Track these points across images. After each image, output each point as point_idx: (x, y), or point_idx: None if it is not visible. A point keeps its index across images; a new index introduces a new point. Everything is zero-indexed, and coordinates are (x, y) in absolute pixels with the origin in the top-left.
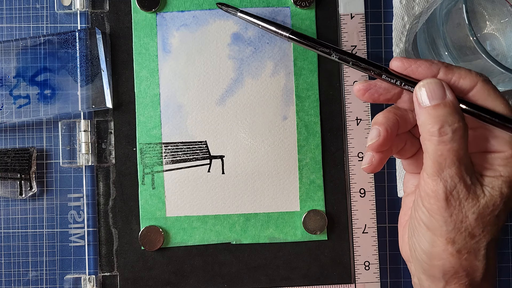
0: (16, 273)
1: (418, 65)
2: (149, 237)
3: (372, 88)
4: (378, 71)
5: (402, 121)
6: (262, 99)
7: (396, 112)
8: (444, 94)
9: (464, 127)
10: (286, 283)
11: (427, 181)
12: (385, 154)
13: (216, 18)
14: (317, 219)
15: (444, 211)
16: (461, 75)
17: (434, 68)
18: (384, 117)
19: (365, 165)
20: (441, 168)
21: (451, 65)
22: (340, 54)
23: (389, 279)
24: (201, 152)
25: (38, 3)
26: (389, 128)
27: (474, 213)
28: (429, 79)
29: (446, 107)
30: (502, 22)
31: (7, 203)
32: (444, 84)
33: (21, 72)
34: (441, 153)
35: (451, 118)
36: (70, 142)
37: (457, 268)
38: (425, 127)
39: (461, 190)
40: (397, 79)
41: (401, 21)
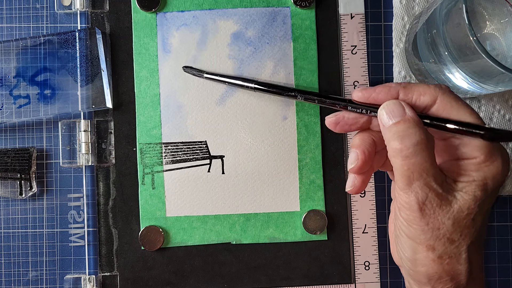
0: (16, 273)
1: (377, 92)
2: (149, 237)
3: (341, 121)
4: (343, 104)
5: (378, 139)
6: (262, 99)
7: (371, 132)
8: (404, 111)
9: (426, 139)
10: (286, 283)
11: (400, 194)
12: (367, 174)
13: (216, 18)
14: (317, 219)
15: (420, 220)
16: (420, 92)
17: (393, 91)
18: (360, 139)
19: (349, 188)
20: (410, 182)
21: (409, 84)
22: (305, 95)
23: (389, 279)
24: (201, 152)
25: (38, 3)
26: (366, 150)
27: (449, 219)
28: (388, 101)
29: (406, 122)
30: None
31: (7, 203)
32: (402, 103)
33: (21, 72)
34: (407, 168)
35: (411, 132)
36: (70, 142)
37: (441, 273)
38: (390, 144)
39: (433, 199)
40: (363, 108)
41: (401, 21)
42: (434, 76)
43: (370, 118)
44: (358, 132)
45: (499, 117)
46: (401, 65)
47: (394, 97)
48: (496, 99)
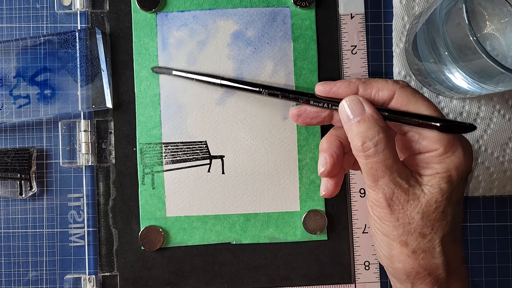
0: (16, 273)
1: (338, 86)
2: (149, 237)
3: (303, 114)
4: (305, 98)
5: (345, 140)
6: (262, 99)
7: (337, 133)
8: (363, 109)
9: (386, 137)
10: (286, 283)
11: (369, 192)
12: (338, 176)
13: (216, 18)
14: (317, 219)
15: (390, 216)
16: (379, 87)
17: (352, 86)
18: (327, 143)
19: (323, 192)
20: (375, 179)
21: (368, 80)
22: (269, 90)
23: (389, 279)
24: (201, 152)
25: (38, 3)
26: (334, 153)
27: (418, 213)
28: (348, 97)
29: (366, 121)
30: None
31: (7, 203)
32: (361, 99)
33: (21, 72)
34: (371, 166)
35: (371, 132)
36: (70, 142)
37: (417, 269)
38: (352, 143)
39: (400, 194)
40: (324, 102)
41: (401, 21)
42: (434, 76)
43: (331, 113)
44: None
45: (499, 117)
46: (401, 65)
47: (354, 92)
48: (496, 99)
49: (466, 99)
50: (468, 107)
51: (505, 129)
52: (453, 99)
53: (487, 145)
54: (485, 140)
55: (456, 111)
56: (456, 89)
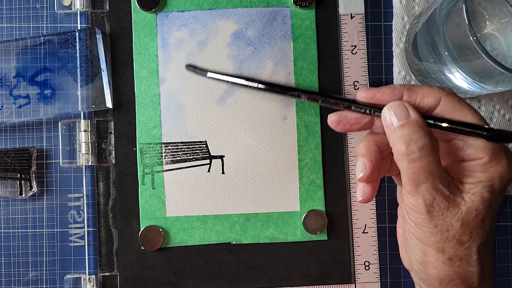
0: (16, 273)
1: (381, 92)
2: (149, 237)
3: (343, 120)
4: (347, 103)
5: (383, 145)
6: (262, 99)
7: (375, 138)
8: (408, 114)
9: (431, 142)
10: (286, 283)
11: (408, 197)
12: (376, 181)
13: (216, 18)
14: (317, 219)
15: (429, 222)
16: (424, 94)
17: (397, 92)
18: (365, 147)
19: (360, 198)
20: (416, 185)
21: (413, 86)
22: (308, 95)
23: (389, 279)
24: (201, 152)
25: (38, 3)
26: (373, 157)
27: (458, 221)
28: (392, 102)
29: (410, 126)
30: (502, 22)
31: (7, 203)
32: (407, 105)
33: (21, 72)
34: (413, 171)
35: (416, 136)
36: (70, 142)
37: (452, 276)
38: (395, 147)
39: (440, 201)
40: (366, 108)
41: (401, 21)
42: (434, 76)
43: (372, 119)
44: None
45: (499, 117)
46: (401, 65)
47: (398, 98)
48: (496, 99)
49: (466, 99)
50: None
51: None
52: None
53: None
54: None
55: None
56: (456, 89)
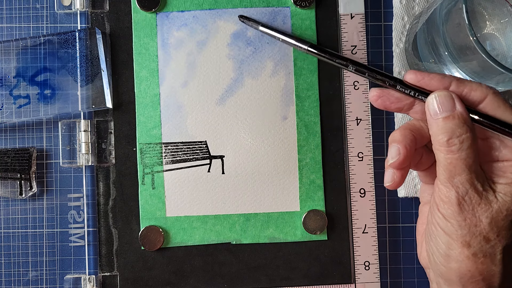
0: (16, 273)
1: (431, 78)
2: (149, 237)
3: (385, 96)
4: (392, 82)
5: (419, 136)
6: (262, 99)
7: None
8: (454, 106)
9: (472, 137)
10: (286, 283)
11: (440, 188)
12: (405, 169)
13: (216, 18)
14: (317, 219)
15: (458, 215)
16: (472, 88)
17: (446, 81)
18: (401, 135)
19: (388, 183)
20: (451, 176)
21: (462, 79)
22: (356, 66)
23: (389, 279)
24: (201, 152)
25: (38, 3)
26: (408, 145)
27: (487, 218)
28: (440, 91)
29: (455, 119)
30: (502, 22)
31: (7, 203)
32: (454, 96)
33: (21, 72)
34: (451, 161)
35: (459, 130)
36: (70, 142)
37: (473, 272)
38: (436, 137)
39: (472, 195)
40: (411, 90)
41: (401, 21)
42: None
43: (413, 102)
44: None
45: None
46: (401, 65)
47: (446, 87)
48: None
49: None
50: None
51: None
52: None
53: None
54: None
55: None
56: None
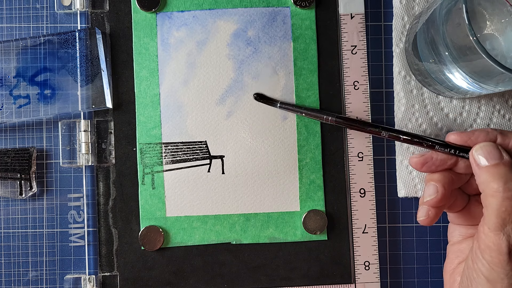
0: (16, 273)
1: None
2: (149, 237)
3: (429, 162)
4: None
5: (457, 178)
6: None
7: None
8: (501, 155)
9: None
10: (286, 283)
11: (488, 235)
12: (441, 208)
13: (216, 18)
14: (317, 219)
15: (506, 264)
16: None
17: (491, 135)
18: (441, 174)
19: (422, 218)
20: (504, 223)
21: (506, 132)
22: (389, 132)
23: (389, 279)
24: (201, 152)
25: (38, 3)
26: (446, 185)
27: None
28: (485, 143)
29: (506, 166)
30: (502, 22)
31: (7, 203)
32: (499, 147)
33: (21, 72)
34: (505, 209)
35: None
36: (70, 142)
37: None
38: (488, 184)
39: None
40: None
41: (401, 21)
42: (434, 76)
43: (457, 160)
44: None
45: (499, 117)
46: (401, 65)
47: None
48: (496, 99)
49: (466, 99)
50: (468, 107)
51: (505, 129)
52: (453, 99)
53: None
54: None
55: (456, 111)
56: (456, 89)
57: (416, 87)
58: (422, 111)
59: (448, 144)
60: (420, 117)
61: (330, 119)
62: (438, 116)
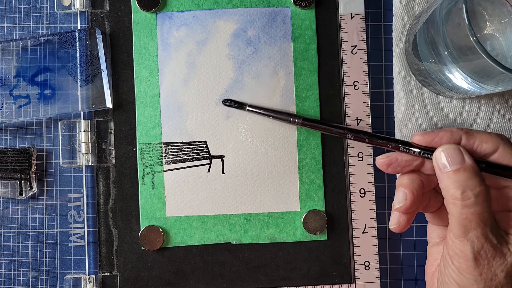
0: (16, 273)
1: (440, 137)
2: (149, 237)
3: (394, 163)
4: (394, 144)
5: (427, 181)
6: (262, 99)
7: (420, 173)
8: (463, 158)
9: (486, 189)
10: (286, 283)
11: (454, 241)
12: (412, 214)
13: (216, 18)
14: (317, 219)
15: (474, 270)
16: (483, 140)
17: (455, 136)
18: (409, 179)
19: (393, 226)
20: (466, 230)
21: (471, 130)
22: (355, 134)
23: (389, 279)
24: (201, 152)
25: (38, 3)
26: (415, 190)
27: (503, 271)
28: (447, 145)
29: (466, 171)
30: (502, 22)
31: (7, 203)
32: (462, 149)
33: (21, 72)
34: (466, 216)
35: (472, 182)
36: (70, 142)
37: None
38: (448, 191)
39: (488, 249)
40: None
41: (401, 21)
42: (434, 76)
43: (423, 161)
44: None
45: (499, 117)
46: (401, 65)
47: (457, 141)
48: (496, 99)
49: (466, 99)
50: (468, 107)
51: (505, 129)
52: (453, 99)
53: None
54: None
55: (456, 111)
56: (456, 89)
57: (416, 87)
58: (422, 111)
59: (412, 144)
60: (420, 117)
61: (296, 121)
62: (438, 116)
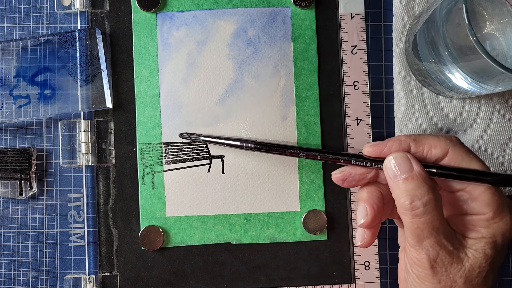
0: (16, 273)
1: (389, 147)
2: (149, 237)
3: (348, 178)
4: (346, 158)
5: (386, 191)
6: (262, 99)
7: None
8: (411, 166)
9: (435, 198)
10: (286, 283)
11: (411, 250)
12: (376, 227)
13: (216, 18)
14: (317, 219)
15: (432, 278)
16: (431, 145)
17: (404, 144)
18: (367, 193)
19: (359, 243)
20: (420, 239)
21: (419, 136)
22: (307, 152)
23: (389, 279)
24: (201, 152)
25: (38, 3)
26: (375, 204)
27: (461, 277)
28: (395, 153)
29: (414, 180)
30: (502, 22)
31: (7, 203)
32: (409, 157)
33: (21, 72)
34: (417, 226)
35: (421, 191)
36: (70, 142)
37: None
38: (399, 200)
39: (444, 257)
40: (367, 161)
41: (401, 21)
42: (434, 76)
43: (377, 172)
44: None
45: (499, 117)
46: (401, 65)
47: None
48: (496, 99)
49: (466, 99)
50: (468, 107)
51: (505, 129)
52: (453, 99)
53: (487, 145)
54: (485, 140)
55: (456, 111)
56: (456, 89)
57: (416, 87)
58: (422, 111)
59: (363, 157)
60: (420, 117)
61: (249, 146)
62: (438, 116)
